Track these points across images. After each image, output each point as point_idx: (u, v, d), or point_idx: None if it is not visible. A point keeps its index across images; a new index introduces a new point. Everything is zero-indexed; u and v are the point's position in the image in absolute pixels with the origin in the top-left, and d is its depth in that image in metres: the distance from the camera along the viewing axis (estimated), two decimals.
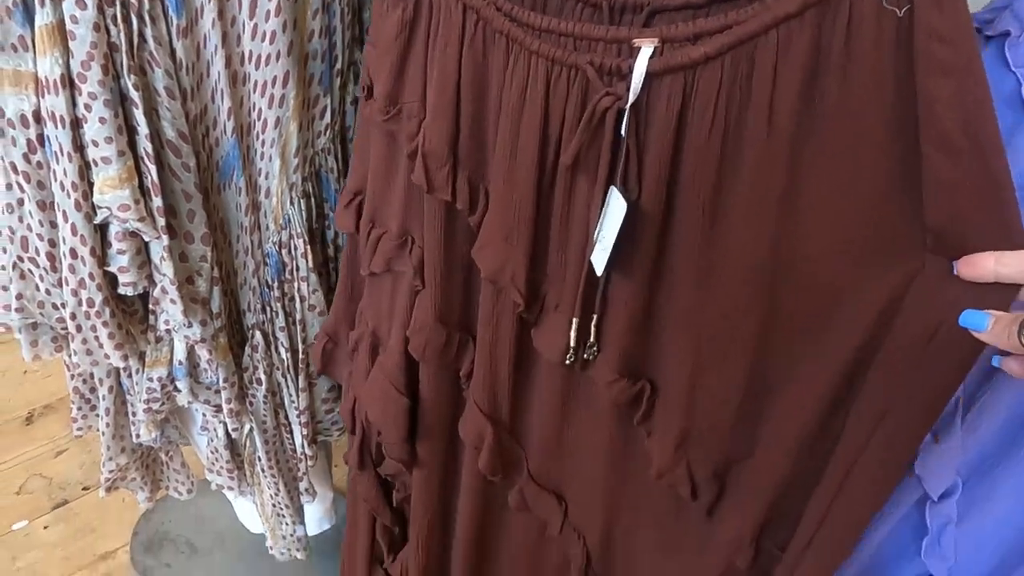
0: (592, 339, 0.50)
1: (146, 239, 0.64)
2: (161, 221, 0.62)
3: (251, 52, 0.62)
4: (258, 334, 0.77)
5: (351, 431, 0.70)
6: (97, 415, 0.85)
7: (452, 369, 0.60)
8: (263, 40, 0.61)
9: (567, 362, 0.51)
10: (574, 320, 0.49)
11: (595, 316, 0.49)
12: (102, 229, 0.63)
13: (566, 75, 0.43)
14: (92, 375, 0.80)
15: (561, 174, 0.46)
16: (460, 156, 0.50)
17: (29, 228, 0.63)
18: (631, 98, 0.41)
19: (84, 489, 1.36)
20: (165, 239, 0.63)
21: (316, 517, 1.06)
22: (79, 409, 0.84)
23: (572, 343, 0.50)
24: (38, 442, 1.43)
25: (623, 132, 0.42)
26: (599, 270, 0.46)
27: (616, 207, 0.44)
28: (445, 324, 0.57)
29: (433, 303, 0.56)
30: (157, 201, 0.61)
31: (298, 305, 0.76)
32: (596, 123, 0.43)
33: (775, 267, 0.43)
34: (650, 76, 0.40)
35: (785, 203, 0.41)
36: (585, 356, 0.51)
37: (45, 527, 1.29)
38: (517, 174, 0.47)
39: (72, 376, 0.81)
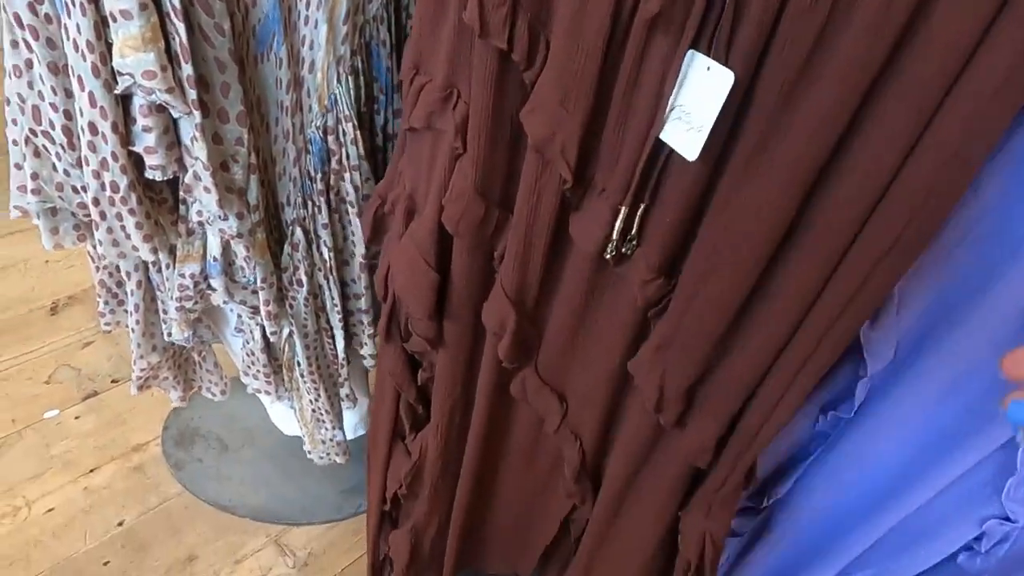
0: (634, 232, 0.45)
1: (175, 115, 0.55)
2: (192, 94, 0.53)
3: None
4: (298, 231, 0.69)
5: (383, 299, 0.66)
6: (125, 310, 0.80)
7: (486, 248, 0.55)
8: None
9: (606, 255, 0.46)
10: (622, 208, 0.44)
11: (643, 206, 0.44)
12: (125, 102, 0.54)
13: None
14: (119, 268, 0.74)
15: (636, 32, 0.40)
16: None
17: (40, 96, 0.54)
18: None
19: (113, 381, 1.34)
20: (197, 116, 0.54)
21: (352, 423, 1.03)
22: (106, 304, 0.78)
23: (615, 234, 0.45)
24: (64, 332, 1.40)
25: None
26: (692, 155, 0.40)
27: (713, 80, 0.37)
28: (484, 197, 0.51)
29: (474, 170, 0.50)
30: (187, 69, 0.52)
31: (350, 197, 0.67)
32: None
33: (827, 164, 0.38)
34: None
35: (871, 92, 0.35)
36: (623, 250, 0.46)
37: (76, 417, 1.28)
38: (585, 25, 0.40)
39: (97, 268, 0.75)
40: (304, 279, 0.72)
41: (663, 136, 0.41)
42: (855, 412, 0.53)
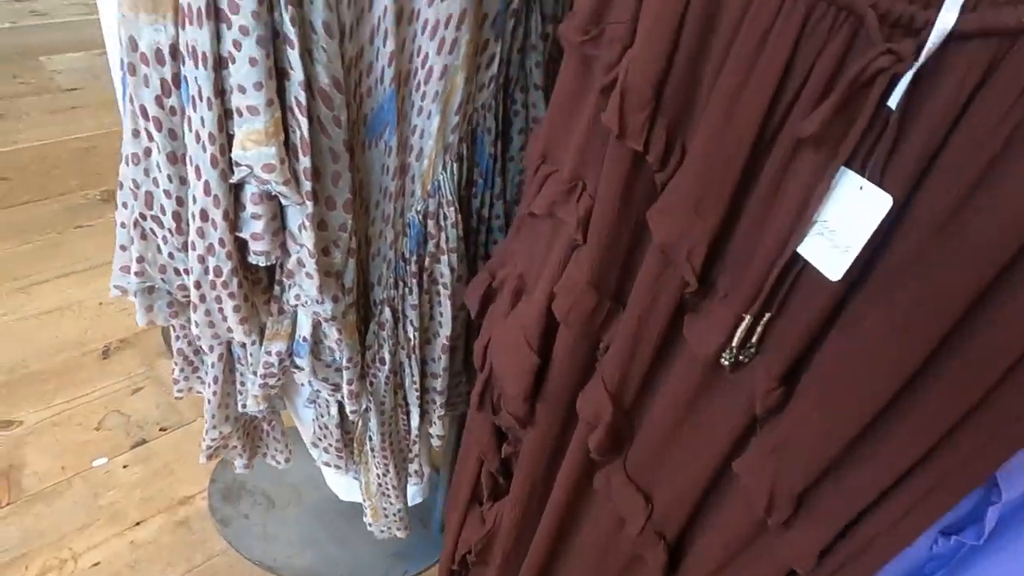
0: (755, 340, 0.44)
1: (284, 203, 0.55)
2: (307, 185, 0.52)
3: None
4: (387, 310, 0.68)
5: (479, 369, 0.66)
6: (199, 378, 0.79)
7: (593, 338, 0.55)
8: None
9: (722, 362, 0.45)
10: (746, 316, 0.43)
11: (768, 315, 0.43)
12: (235, 189, 0.54)
13: (831, 17, 0.36)
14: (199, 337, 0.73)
15: (783, 144, 0.39)
16: (664, 99, 0.42)
17: (155, 183, 0.54)
18: (920, 61, 0.33)
19: (162, 430, 1.33)
20: (309, 206, 0.53)
21: (410, 491, 1.00)
22: (181, 371, 0.78)
23: (735, 342, 0.44)
24: (115, 377, 1.40)
25: (893, 104, 0.34)
26: (835, 275, 0.38)
27: (865, 201, 0.36)
28: (597, 289, 0.51)
29: (591, 264, 0.50)
30: (305, 162, 0.51)
31: (444, 279, 0.66)
32: (859, 87, 0.35)
33: (982, 298, 0.36)
34: (951, 38, 0.32)
35: None
36: (741, 357, 0.44)
37: (124, 466, 1.27)
38: (730, 133, 0.40)
39: (177, 338, 0.74)
40: (387, 357, 0.70)
41: (801, 250, 0.40)
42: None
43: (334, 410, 0.75)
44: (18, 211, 1.69)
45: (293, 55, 0.47)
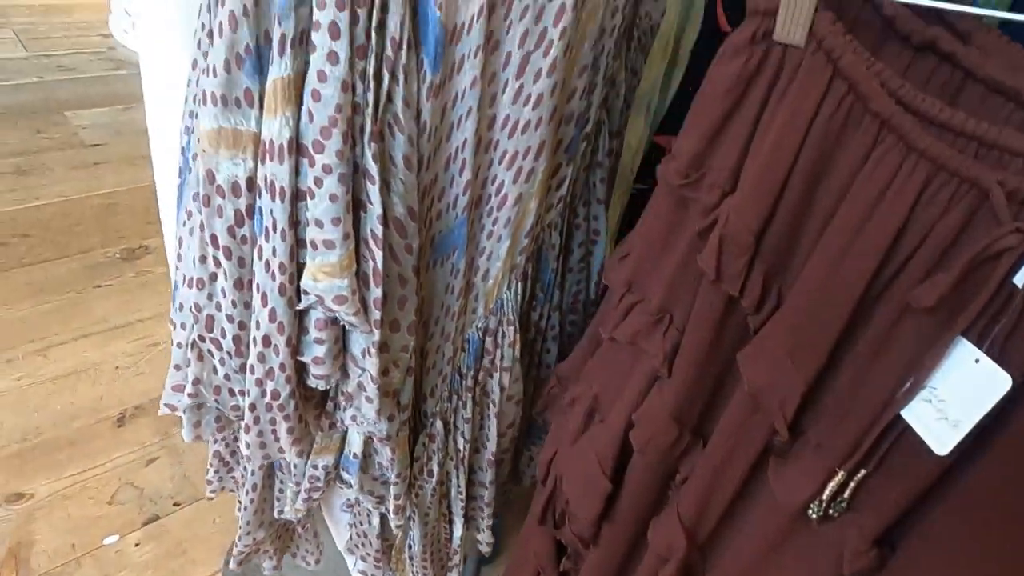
0: (847, 495, 0.42)
1: (349, 328, 0.53)
2: (376, 315, 0.50)
3: (507, 117, 0.49)
4: (439, 422, 0.65)
5: (542, 482, 0.64)
6: (232, 477, 0.76)
7: (669, 468, 0.54)
8: (526, 104, 0.48)
9: (810, 514, 0.43)
10: (840, 471, 0.41)
11: (863, 471, 0.41)
12: (299, 312, 0.52)
13: (952, 188, 0.35)
14: (236, 439, 0.70)
15: (889, 301, 0.38)
16: (763, 246, 0.42)
17: (218, 307, 0.52)
18: None
19: (175, 504, 1.29)
20: (376, 334, 0.51)
21: None
22: (215, 472, 0.75)
23: (826, 495, 0.42)
24: (129, 447, 1.36)
25: (1019, 283, 0.33)
26: (942, 450, 0.37)
27: (981, 376, 0.35)
28: (679, 422, 0.50)
29: (675, 397, 0.50)
30: (376, 292, 0.50)
31: (494, 395, 0.64)
32: (982, 262, 0.34)
33: None
34: None
35: None
36: (830, 511, 0.43)
37: (136, 544, 1.22)
38: (835, 287, 0.39)
39: (215, 440, 0.71)
40: (436, 469, 0.68)
41: (905, 414, 0.39)
42: None
43: (375, 520, 0.71)
44: (37, 269, 1.67)
45: (373, 190, 0.46)
